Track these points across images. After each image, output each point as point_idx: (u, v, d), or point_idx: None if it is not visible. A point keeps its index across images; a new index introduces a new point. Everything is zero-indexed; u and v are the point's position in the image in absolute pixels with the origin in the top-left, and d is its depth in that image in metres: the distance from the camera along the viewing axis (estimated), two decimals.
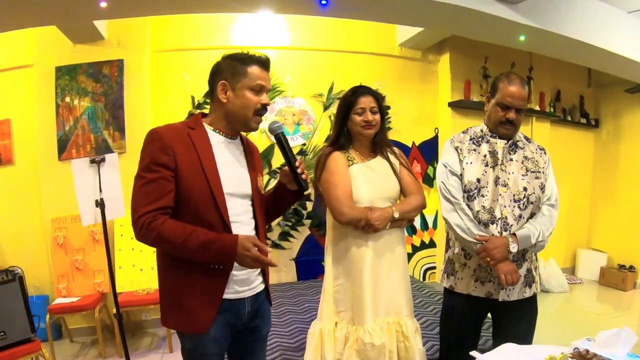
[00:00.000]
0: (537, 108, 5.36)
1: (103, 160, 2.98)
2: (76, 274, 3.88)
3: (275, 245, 4.61)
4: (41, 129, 3.97)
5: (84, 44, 3.97)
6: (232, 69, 1.58)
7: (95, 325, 3.66)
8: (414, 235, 5.18)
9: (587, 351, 1.49)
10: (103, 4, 3.09)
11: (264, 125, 3.29)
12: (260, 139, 4.47)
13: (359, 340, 2.07)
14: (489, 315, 2.23)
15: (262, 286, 1.73)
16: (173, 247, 1.46)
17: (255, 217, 1.68)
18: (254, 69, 1.58)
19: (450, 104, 4.97)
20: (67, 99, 3.98)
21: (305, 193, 1.59)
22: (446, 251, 2.29)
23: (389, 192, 2.21)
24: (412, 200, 2.21)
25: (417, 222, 5.18)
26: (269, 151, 4.50)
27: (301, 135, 4.62)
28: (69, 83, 3.97)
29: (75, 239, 3.91)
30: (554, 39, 3.90)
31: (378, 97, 2.21)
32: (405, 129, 5.03)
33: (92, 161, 2.96)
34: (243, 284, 1.63)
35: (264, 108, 1.61)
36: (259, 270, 1.69)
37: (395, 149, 2.36)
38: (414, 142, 5.11)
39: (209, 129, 1.63)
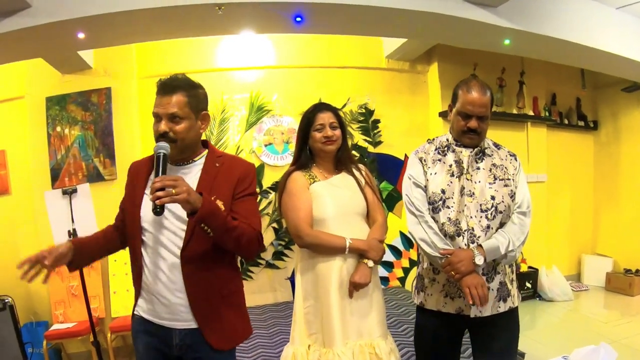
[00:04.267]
0: (531, 113, 5.27)
1: (75, 191, 3.05)
2: (72, 299, 3.93)
3: (270, 265, 4.58)
4: (34, 158, 4.07)
5: (71, 74, 4.06)
6: None
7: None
8: (401, 259, 4.99)
9: None
10: (81, 35, 3.16)
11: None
12: (250, 159, 4.45)
13: None
14: (469, 338, 2.14)
15: (193, 325, 1.63)
16: None
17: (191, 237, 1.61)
18: (156, 99, 1.62)
19: (442, 114, 4.90)
20: (58, 129, 4.07)
21: None
22: (417, 266, 2.22)
23: (356, 207, 2.18)
24: (382, 225, 2.23)
25: (398, 243, 4.95)
26: (259, 171, 4.48)
27: (291, 154, 4.57)
28: (59, 113, 4.06)
29: None
30: (540, 40, 3.81)
31: (338, 113, 2.20)
32: (397, 141, 4.97)
33: (65, 192, 3.03)
34: (166, 312, 1.62)
35: (162, 136, 1.58)
36: (185, 304, 1.61)
37: (360, 165, 2.33)
38: (406, 155, 5.02)
39: None
